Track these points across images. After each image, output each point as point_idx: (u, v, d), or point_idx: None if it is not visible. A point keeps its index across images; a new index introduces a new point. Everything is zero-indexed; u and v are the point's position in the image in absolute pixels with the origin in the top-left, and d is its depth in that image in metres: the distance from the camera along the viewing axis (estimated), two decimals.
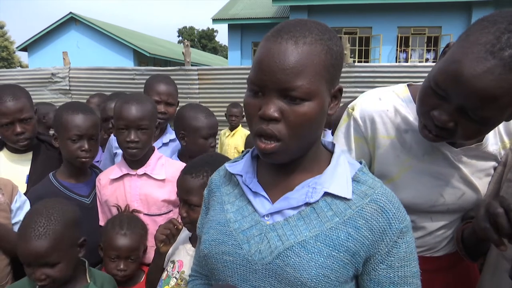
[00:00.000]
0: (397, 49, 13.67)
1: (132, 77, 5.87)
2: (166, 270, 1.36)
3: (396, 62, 13.01)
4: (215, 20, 15.51)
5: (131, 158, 1.69)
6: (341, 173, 0.79)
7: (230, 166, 0.90)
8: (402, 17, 13.10)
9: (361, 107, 1.14)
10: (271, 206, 0.80)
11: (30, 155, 1.86)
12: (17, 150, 1.84)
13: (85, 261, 1.36)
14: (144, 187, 1.68)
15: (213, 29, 48.85)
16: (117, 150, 2.04)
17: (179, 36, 49.31)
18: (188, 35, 48.08)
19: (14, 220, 1.54)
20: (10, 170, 1.79)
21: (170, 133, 2.18)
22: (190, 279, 1.06)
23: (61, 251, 1.21)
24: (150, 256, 1.55)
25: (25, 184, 1.81)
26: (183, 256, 1.33)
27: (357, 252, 0.75)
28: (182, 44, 11.53)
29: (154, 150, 1.77)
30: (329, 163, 0.82)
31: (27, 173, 1.82)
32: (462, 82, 0.83)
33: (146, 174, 1.69)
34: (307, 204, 0.78)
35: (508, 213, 0.82)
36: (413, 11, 12.86)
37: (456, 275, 1.23)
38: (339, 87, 0.79)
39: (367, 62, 12.83)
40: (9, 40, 32.62)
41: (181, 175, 1.32)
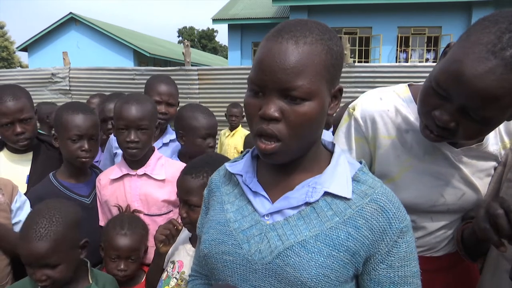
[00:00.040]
0: (397, 49, 13.66)
1: (132, 77, 5.87)
2: (166, 271, 1.36)
3: (396, 62, 13.00)
4: (215, 20, 15.51)
5: (131, 158, 1.69)
6: (341, 173, 0.79)
7: (230, 166, 0.90)
8: (402, 17, 13.09)
9: (362, 107, 1.14)
10: (271, 206, 0.80)
11: (30, 155, 1.86)
12: (17, 150, 1.84)
13: (87, 262, 1.36)
14: (144, 187, 1.68)
15: (213, 29, 48.86)
16: (117, 150, 2.04)
17: (179, 36, 49.33)
18: (188, 35, 48.09)
19: (14, 220, 1.54)
20: (10, 170, 1.79)
21: (171, 133, 2.18)
22: (190, 279, 1.06)
23: (62, 253, 1.20)
24: (151, 257, 1.55)
25: (25, 184, 1.81)
26: (183, 257, 1.33)
27: (357, 252, 0.75)
28: (182, 44, 11.52)
29: (154, 150, 1.77)
30: (329, 163, 0.82)
31: (27, 173, 1.82)
32: (464, 82, 0.83)
33: (146, 174, 1.69)
34: (307, 204, 0.78)
35: (508, 214, 0.82)
36: (413, 11, 12.86)
37: (456, 275, 1.23)
38: (339, 87, 0.79)
39: (367, 62, 12.83)
40: (9, 40, 32.63)
41: (181, 176, 1.32)
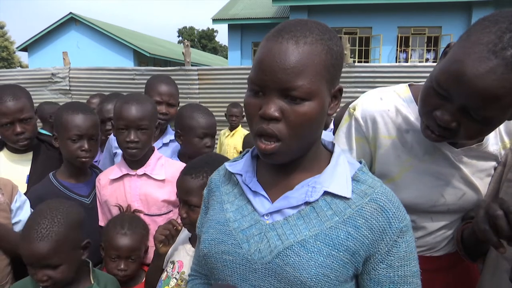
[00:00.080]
0: (397, 49, 13.66)
1: (132, 77, 5.87)
2: (166, 271, 1.36)
3: (396, 62, 13.01)
4: (215, 20, 15.51)
5: (131, 158, 1.69)
6: (341, 173, 0.79)
7: (230, 165, 0.90)
8: (402, 17, 13.09)
9: (363, 107, 1.14)
10: (271, 206, 0.80)
11: (30, 155, 1.86)
12: (17, 150, 1.84)
13: (89, 262, 1.36)
14: (144, 187, 1.68)
15: (213, 29, 48.86)
16: (117, 150, 2.03)
17: (179, 36, 49.33)
18: (188, 35, 48.09)
19: (14, 220, 1.54)
20: (10, 170, 1.79)
21: (171, 134, 2.18)
22: (190, 279, 1.06)
23: (63, 253, 1.20)
24: (151, 256, 1.54)
25: (25, 184, 1.81)
26: (183, 257, 1.33)
27: (357, 252, 0.75)
28: (182, 44, 11.53)
29: (154, 150, 1.77)
30: (329, 163, 0.82)
31: (27, 173, 1.83)
32: (464, 82, 0.83)
33: (146, 174, 1.69)
34: (307, 203, 0.78)
35: (508, 216, 0.82)
36: (413, 11, 12.86)
37: (456, 275, 1.23)
38: (339, 87, 0.79)
39: (367, 62, 12.83)
40: (9, 40, 32.63)
41: (181, 176, 1.32)
